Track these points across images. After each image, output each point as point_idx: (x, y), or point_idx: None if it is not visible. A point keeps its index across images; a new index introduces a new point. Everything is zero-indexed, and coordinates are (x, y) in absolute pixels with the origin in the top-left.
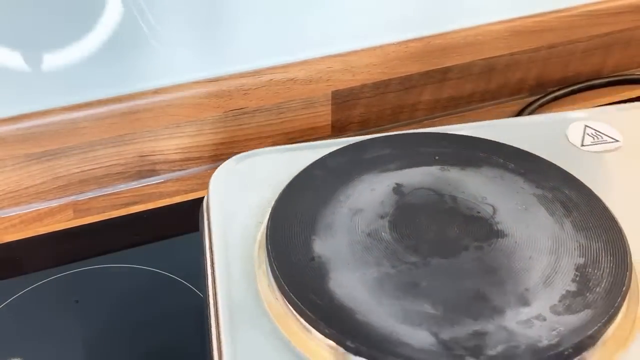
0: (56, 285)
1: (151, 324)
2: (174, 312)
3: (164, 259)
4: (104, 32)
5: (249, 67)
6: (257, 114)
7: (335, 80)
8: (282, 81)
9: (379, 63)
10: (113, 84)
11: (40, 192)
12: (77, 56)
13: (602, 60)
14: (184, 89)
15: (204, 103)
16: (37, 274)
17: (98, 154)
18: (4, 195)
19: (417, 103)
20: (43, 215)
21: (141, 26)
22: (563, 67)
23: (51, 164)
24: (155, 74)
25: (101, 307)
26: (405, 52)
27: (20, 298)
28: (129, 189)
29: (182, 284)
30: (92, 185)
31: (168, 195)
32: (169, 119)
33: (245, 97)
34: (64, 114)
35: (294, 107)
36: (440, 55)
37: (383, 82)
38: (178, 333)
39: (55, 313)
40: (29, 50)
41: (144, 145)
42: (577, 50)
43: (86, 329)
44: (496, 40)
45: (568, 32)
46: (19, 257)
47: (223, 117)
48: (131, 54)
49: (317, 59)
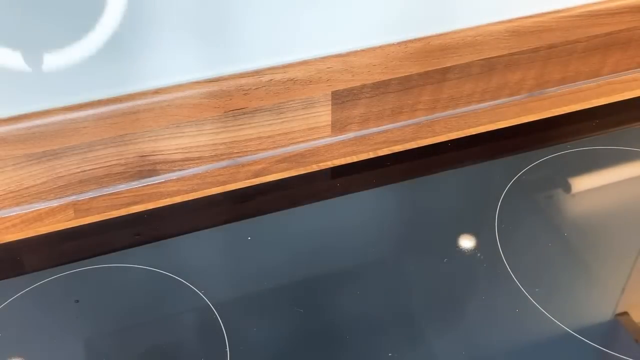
0: (56, 285)
1: (151, 324)
2: (174, 312)
3: (164, 259)
4: (104, 32)
5: (249, 67)
6: (257, 114)
7: (335, 80)
8: (282, 81)
9: (379, 63)
10: (113, 84)
11: (40, 192)
12: (77, 56)
13: (602, 60)
14: (184, 89)
15: (204, 103)
16: (37, 274)
17: (98, 154)
18: (5, 195)
19: (417, 103)
20: (44, 215)
21: (141, 26)
22: (562, 68)
23: (52, 164)
24: (155, 74)
25: (101, 307)
26: (405, 52)
27: (20, 298)
28: (130, 189)
29: (182, 284)
30: (93, 185)
31: (168, 195)
32: (169, 119)
33: (245, 97)
34: (64, 114)
35: (294, 107)
36: (440, 56)
37: (383, 82)
38: (178, 333)
39: (55, 313)
40: (29, 50)
41: (144, 145)
42: (576, 51)
43: (86, 329)
44: (496, 40)
45: (567, 33)
46: (19, 257)
47: (223, 117)
48: (131, 54)
49: (317, 59)
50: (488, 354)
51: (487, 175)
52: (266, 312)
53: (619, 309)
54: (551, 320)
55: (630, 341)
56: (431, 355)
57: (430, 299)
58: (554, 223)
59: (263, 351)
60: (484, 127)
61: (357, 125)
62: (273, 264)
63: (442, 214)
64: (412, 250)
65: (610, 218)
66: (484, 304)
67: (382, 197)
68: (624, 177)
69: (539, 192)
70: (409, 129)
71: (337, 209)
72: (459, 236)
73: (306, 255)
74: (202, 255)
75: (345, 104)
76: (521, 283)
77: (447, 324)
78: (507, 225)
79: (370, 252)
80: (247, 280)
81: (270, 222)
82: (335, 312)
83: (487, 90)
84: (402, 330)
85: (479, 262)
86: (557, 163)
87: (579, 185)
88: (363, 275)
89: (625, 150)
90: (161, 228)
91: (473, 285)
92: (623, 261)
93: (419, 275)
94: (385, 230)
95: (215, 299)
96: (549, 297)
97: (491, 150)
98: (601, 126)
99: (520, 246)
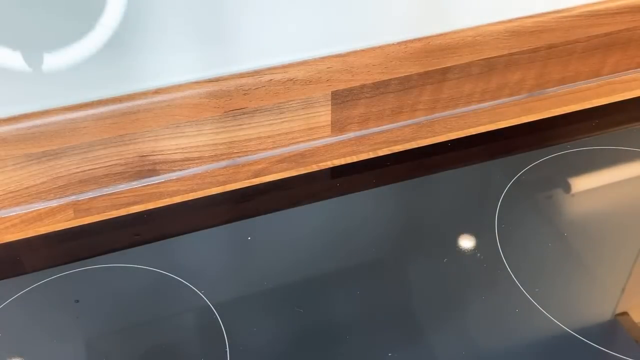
0: (56, 285)
1: (151, 323)
2: (174, 312)
3: (164, 259)
4: (104, 32)
5: (249, 67)
6: (257, 114)
7: (335, 80)
8: (282, 81)
9: (379, 63)
10: (113, 84)
11: (40, 192)
12: (77, 56)
13: (602, 60)
14: (184, 89)
15: (204, 103)
16: (37, 274)
17: (98, 154)
18: (5, 195)
19: (417, 103)
20: (43, 215)
21: (141, 26)
22: (562, 68)
23: (51, 164)
24: (155, 74)
25: (101, 307)
26: (405, 53)
27: (20, 298)
28: (129, 189)
29: (182, 284)
30: (93, 185)
31: (168, 195)
32: (169, 119)
33: (245, 97)
34: (64, 114)
35: (294, 107)
36: (440, 56)
37: (383, 82)
38: (178, 333)
39: (55, 313)
40: (29, 50)
41: (144, 145)
42: (576, 51)
43: (86, 329)
44: (495, 40)
45: (567, 33)
46: (19, 257)
47: (223, 117)
48: (131, 54)
49: (317, 59)
50: (488, 354)
51: (487, 175)
52: (266, 312)
53: (619, 309)
54: (551, 320)
55: (630, 341)
56: (431, 355)
57: (430, 299)
58: (554, 223)
59: (263, 351)
60: (484, 127)
61: (357, 125)
62: (273, 264)
63: (442, 214)
64: (412, 250)
65: (610, 218)
66: (484, 304)
67: (382, 197)
68: (624, 177)
69: (539, 192)
70: (408, 129)
71: (337, 209)
72: (459, 236)
73: (306, 255)
74: (202, 255)
75: (345, 104)
76: (521, 283)
77: (447, 324)
78: (507, 225)
79: (370, 252)
80: (247, 280)
81: (270, 222)
82: (335, 312)
83: (487, 90)
84: (402, 330)
85: (479, 262)
86: (557, 163)
87: (579, 185)
88: (363, 275)
89: (625, 150)
90: (161, 228)
91: (473, 285)
92: (623, 261)
93: (419, 275)
94: (385, 230)
95: (215, 299)
96: (549, 297)
97: (491, 150)
98: (601, 126)
99: (520, 246)
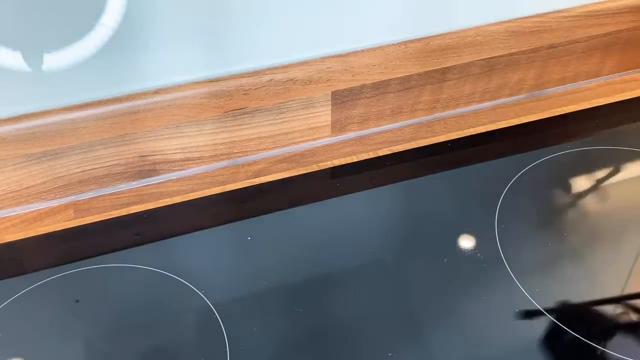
0: (56, 285)
1: (151, 323)
2: (174, 312)
3: (164, 259)
4: (104, 32)
5: (249, 67)
6: (257, 114)
7: (335, 80)
8: (282, 81)
9: (379, 63)
10: (113, 84)
11: (40, 192)
12: (77, 56)
13: (602, 60)
14: (184, 89)
15: (204, 103)
16: (37, 274)
17: (98, 154)
18: (5, 195)
19: (417, 103)
20: (44, 215)
21: (141, 27)
22: (562, 68)
23: (52, 164)
24: (155, 74)
25: (101, 307)
26: (405, 53)
27: (20, 298)
28: (129, 189)
29: (182, 284)
30: (93, 185)
31: (168, 195)
32: (169, 119)
33: (245, 97)
34: (64, 114)
35: (294, 107)
36: (440, 56)
37: (382, 82)
38: (178, 333)
39: (55, 313)
40: (29, 50)
41: (144, 145)
42: (576, 51)
43: (86, 329)
44: (495, 40)
45: (567, 33)
46: (19, 257)
47: (223, 117)
48: (131, 54)
49: (317, 59)
50: (488, 353)
51: (487, 175)
52: (266, 312)
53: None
54: (551, 320)
55: (630, 341)
56: (431, 355)
57: (430, 299)
58: (554, 223)
59: (263, 351)
60: (484, 127)
61: (357, 126)
62: (273, 264)
63: (442, 213)
64: (412, 250)
65: (610, 218)
66: (484, 304)
67: (382, 197)
68: (624, 177)
69: (539, 192)
70: (408, 129)
71: (337, 209)
72: (458, 236)
73: (306, 255)
74: (202, 255)
75: (345, 104)
76: (521, 283)
77: (447, 323)
78: (507, 225)
79: (370, 252)
80: (247, 280)
81: (270, 222)
82: (335, 312)
83: (487, 90)
84: (402, 330)
85: (478, 262)
86: (557, 163)
87: (579, 185)
88: (363, 275)
89: (625, 150)
90: (161, 228)
91: (473, 285)
92: (623, 261)
93: (419, 275)
94: (385, 230)
95: (215, 299)
96: (549, 297)
97: (491, 150)
98: (601, 126)
99: (520, 246)
